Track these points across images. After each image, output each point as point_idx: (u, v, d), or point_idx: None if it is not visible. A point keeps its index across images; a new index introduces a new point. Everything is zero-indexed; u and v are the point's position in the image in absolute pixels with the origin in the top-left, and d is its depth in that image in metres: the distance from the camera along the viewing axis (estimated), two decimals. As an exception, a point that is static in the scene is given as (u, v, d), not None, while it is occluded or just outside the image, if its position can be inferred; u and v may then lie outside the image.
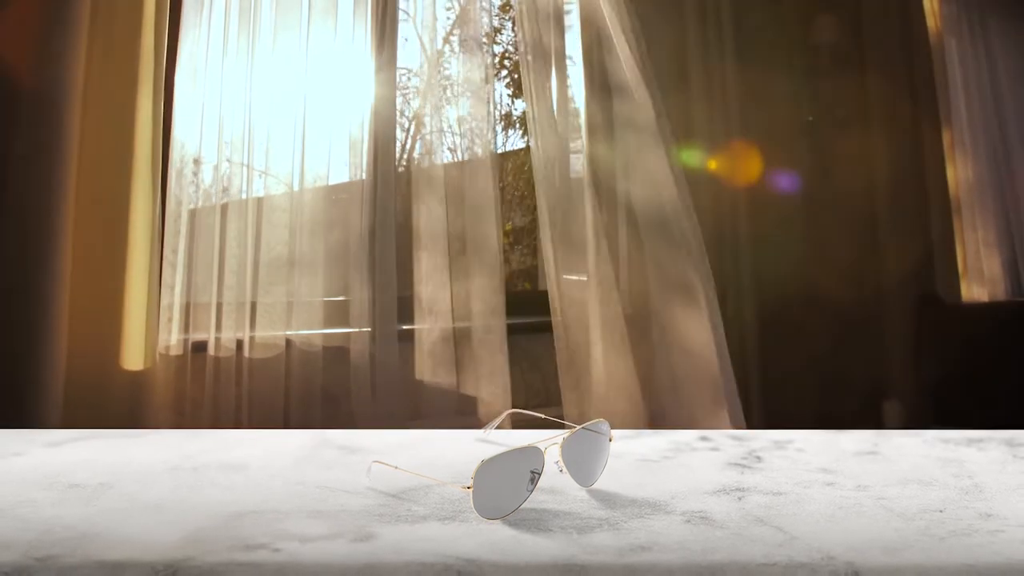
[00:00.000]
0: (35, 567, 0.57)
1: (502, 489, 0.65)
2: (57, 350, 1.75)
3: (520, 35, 2.16)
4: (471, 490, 0.64)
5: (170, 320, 1.93)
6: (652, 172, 2.08)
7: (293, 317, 2.00)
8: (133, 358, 1.86)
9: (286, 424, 1.95)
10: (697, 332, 2.04)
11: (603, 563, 0.57)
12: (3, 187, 1.74)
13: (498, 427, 0.86)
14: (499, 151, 2.17)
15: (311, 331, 2.01)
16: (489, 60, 2.17)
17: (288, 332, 1.99)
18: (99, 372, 1.83)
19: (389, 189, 2.07)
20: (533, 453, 0.67)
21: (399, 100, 2.11)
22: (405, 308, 2.08)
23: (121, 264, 1.85)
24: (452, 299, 2.09)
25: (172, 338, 1.93)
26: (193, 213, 1.98)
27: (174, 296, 1.94)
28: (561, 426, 0.74)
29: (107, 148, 1.84)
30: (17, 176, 1.74)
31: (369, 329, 2.03)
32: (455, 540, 0.61)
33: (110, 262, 1.85)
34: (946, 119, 2.43)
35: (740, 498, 0.69)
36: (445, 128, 2.08)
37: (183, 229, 1.95)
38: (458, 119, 2.10)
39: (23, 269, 1.74)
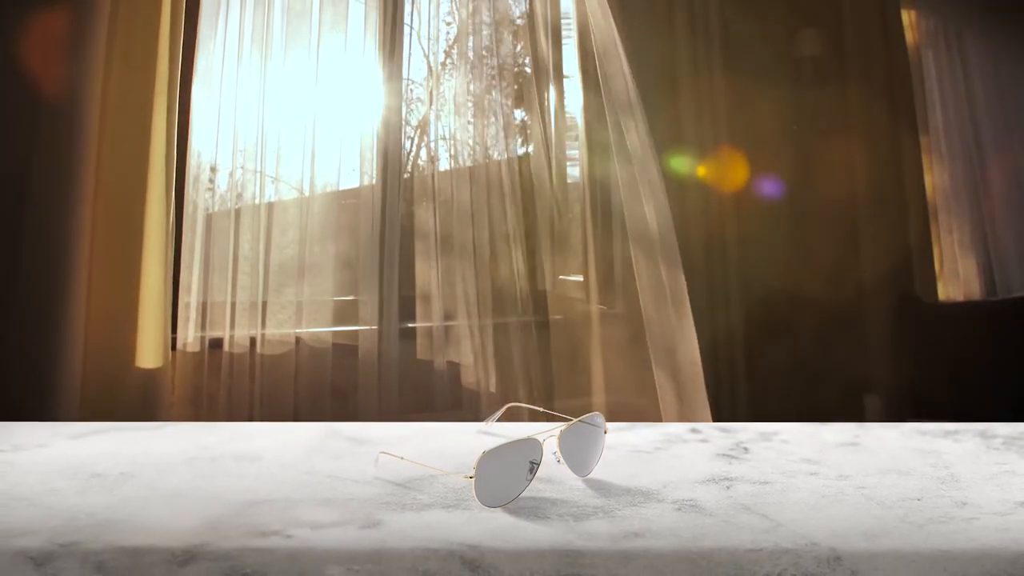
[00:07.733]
0: (59, 552, 0.57)
1: (502, 479, 0.65)
2: (75, 349, 1.74)
3: (519, 47, 2.16)
4: (473, 480, 0.64)
5: (187, 319, 1.94)
6: (640, 180, 2.08)
7: (303, 316, 2.00)
8: (147, 356, 1.86)
9: (296, 418, 1.96)
10: (682, 334, 2.05)
11: (598, 548, 0.58)
12: (24, 191, 1.74)
13: (498, 420, 0.86)
14: (499, 158, 2.17)
15: (320, 329, 2.02)
16: (489, 71, 2.17)
17: (298, 330, 1.99)
18: (115, 370, 1.83)
19: (396, 194, 2.07)
20: (532, 445, 0.67)
21: (404, 109, 2.11)
22: (410, 307, 2.08)
23: (136, 266, 1.85)
24: (454, 299, 2.09)
25: (190, 335, 1.94)
26: (210, 217, 1.99)
27: (191, 296, 1.94)
28: (558, 419, 0.74)
29: (124, 156, 1.84)
30: (38, 182, 1.74)
31: (376, 327, 2.04)
32: (458, 527, 0.61)
33: (126, 265, 1.85)
34: (923, 128, 2.43)
35: (728, 487, 0.69)
36: (448, 136, 2.09)
37: (199, 232, 1.96)
38: (460, 127, 2.10)
39: (43, 271, 1.74)
